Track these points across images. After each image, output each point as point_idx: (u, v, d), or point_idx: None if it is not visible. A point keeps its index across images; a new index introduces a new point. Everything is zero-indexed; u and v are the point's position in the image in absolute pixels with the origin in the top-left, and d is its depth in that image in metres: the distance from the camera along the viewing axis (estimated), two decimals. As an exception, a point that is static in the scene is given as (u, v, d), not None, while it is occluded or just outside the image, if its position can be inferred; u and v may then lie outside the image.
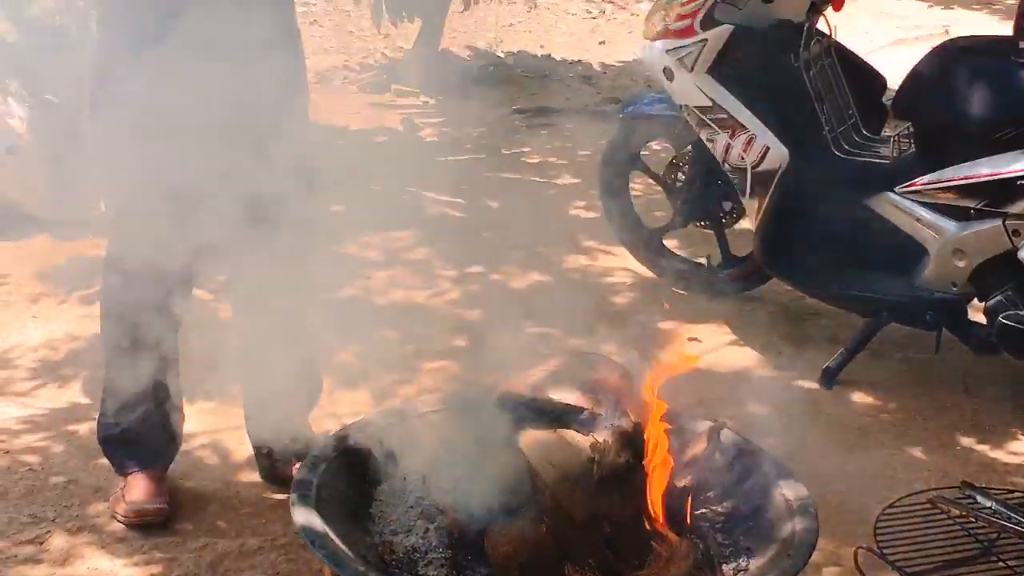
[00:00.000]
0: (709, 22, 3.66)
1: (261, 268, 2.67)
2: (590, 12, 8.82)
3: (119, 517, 2.84)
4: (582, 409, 2.17)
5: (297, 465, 2.50)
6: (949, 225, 3.39)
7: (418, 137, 6.06)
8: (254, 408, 2.97)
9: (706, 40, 3.66)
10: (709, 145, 3.77)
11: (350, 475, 2.36)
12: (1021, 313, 3.28)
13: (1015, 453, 3.32)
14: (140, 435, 2.86)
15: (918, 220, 3.45)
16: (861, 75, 3.92)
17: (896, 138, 3.72)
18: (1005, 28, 7.00)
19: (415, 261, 4.58)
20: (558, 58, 7.60)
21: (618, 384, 2.29)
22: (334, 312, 3.62)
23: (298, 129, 2.83)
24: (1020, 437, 3.41)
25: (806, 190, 3.65)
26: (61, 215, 4.82)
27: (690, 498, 2.31)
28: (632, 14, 8.66)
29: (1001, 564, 2.20)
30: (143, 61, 2.49)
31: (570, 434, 2.14)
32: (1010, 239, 3.26)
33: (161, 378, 2.81)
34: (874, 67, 4.00)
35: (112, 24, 2.72)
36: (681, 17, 3.72)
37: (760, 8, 3.54)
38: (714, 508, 2.36)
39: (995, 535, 2.28)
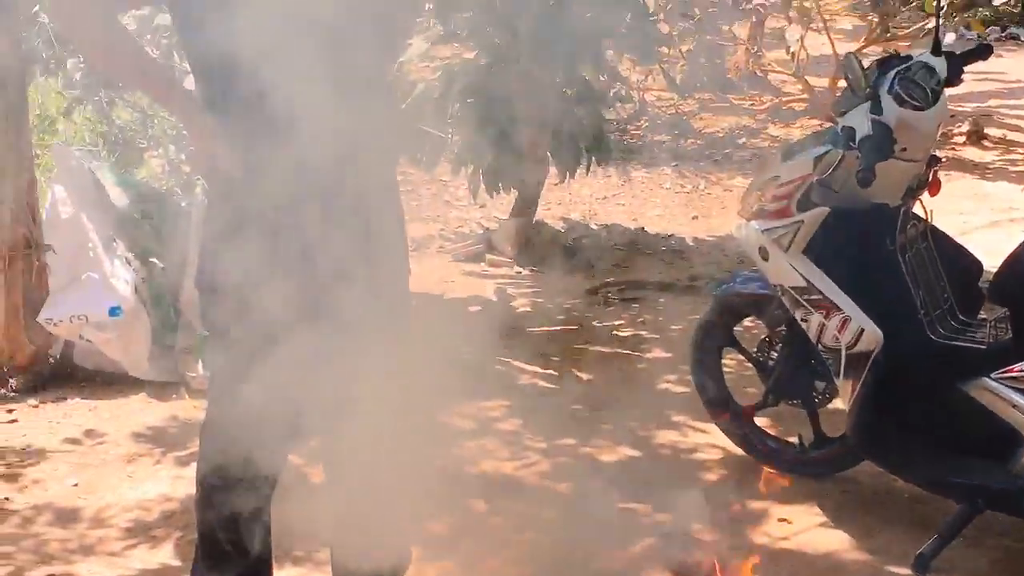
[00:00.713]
0: (805, 204, 3.70)
1: (357, 434, 2.70)
2: (683, 186, 8.91)
3: None
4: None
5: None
6: (1047, 412, 3.35)
7: (511, 307, 6.12)
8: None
9: (802, 221, 3.69)
10: (803, 325, 3.77)
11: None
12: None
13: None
14: (230, 599, 2.87)
15: (1014, 407, 3.41)
16: (957, 259, 3.91)
17: (992, 323, 3.69)
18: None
19: (505, 431, 4.59)
20: (651, 231, 7.67)
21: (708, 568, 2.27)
22: (424, 481, 3.63)
23: (399, 291, 2.89)
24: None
25: (900, 373, 3.62)
26: (160, 376, 4.92)
27: None
28: (725, 189, 8.73)
29: None
30: (246, 232, 2.56)
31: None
32: (1110, 429, 3.21)
33: (253, 543, 2.83)
34: (970, 251, 3.99)
35: (216, 191, 2.81)
36: (777, 198, 3.76)
37: (856, 191, 3.56)
38: None
39: None
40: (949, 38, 9.83)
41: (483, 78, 6.31)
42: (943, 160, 4.03)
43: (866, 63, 3.80)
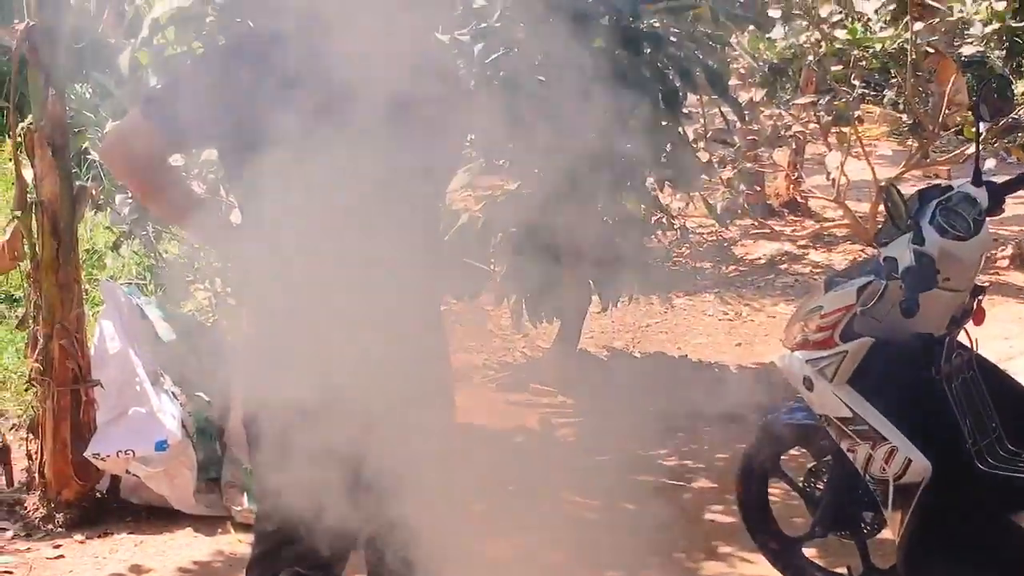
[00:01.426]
0: (849, 334, 3.70)
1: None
2: (726, 313, 8.92)
3: None
4: None
5: None
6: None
7: (555, 437, 6.11)
8: None
9: (846, 352, 3.69)
10: (850, 455, 3.75)
11: None
12: None
13: None
14: None
15: (1068, 538, 3.37)
16: (1004, 387, 3.89)
17: (1042, 453, 3.67)
18: None
19: (552, 564, 4.55)
20: (694, 359, 7.66)
21: None
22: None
23: (444, 423, 2.91)
24: None
25: (949, 504, 3.59)
26: (205, 510, 4.93)
27: None
28: (769, 316, 8.73)
29: None
30: (289, 369, 2.59)
31: None
32: None
33: None
34: (1017, 380, 3.98)
35: (258, 326, 2.85)
36: (821, 328, 3.77)
37: (900, 322, 3.56)
38: None
39: None
40: (989, 164, 9.89)
41: (525, 208, 6.38)
42: (987, 288, 4.03)
43: (906, 189, 3.84)
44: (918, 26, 9.70)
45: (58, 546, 4.76)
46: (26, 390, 5.34)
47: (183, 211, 2.91)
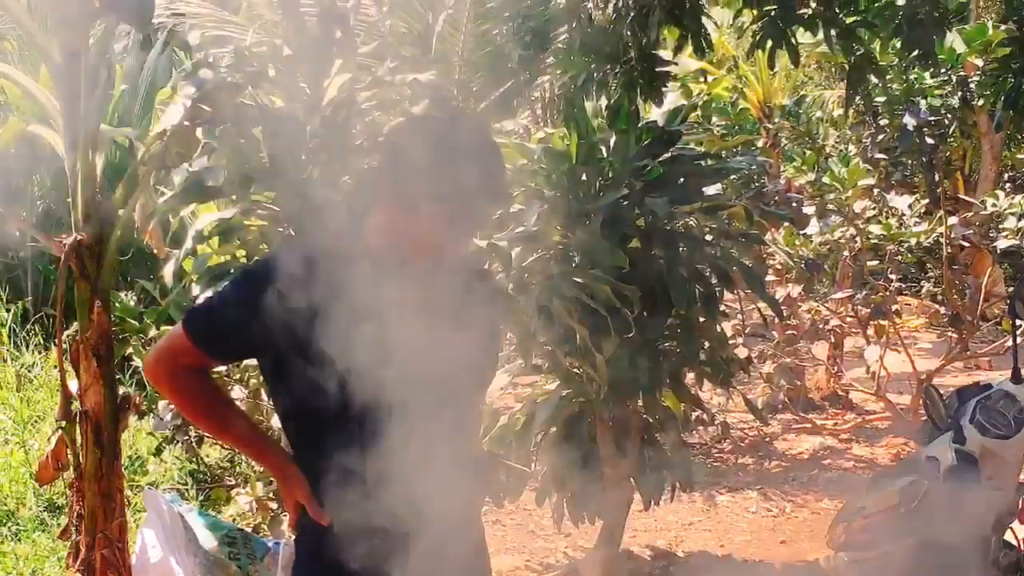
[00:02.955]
0: (892, 535, 3.67)
1: None
2: (770, 510, 8.82)
3: None
4: None
5: None
6: None
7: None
8: None
9: (891, 553, 3.65)
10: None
11: None
12: None
13: None
14: None
15: None
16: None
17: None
18: None
19: None
20: (739, 558, 7.56)
21: None
22: None
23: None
24: None
25: None
26: None
27: None
28: (813, 512, 8.62)
29: None
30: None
31: None
32: None
33: None
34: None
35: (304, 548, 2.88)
36: (864, 529, 3.74)
37: (945, 522, 3.53)
38: None
39: None
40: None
41: (565, 408, 6.40)
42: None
43: (948, 381, 3.85)
44: (952, 220, 9.81)
45: None
46: (68, 601, 5.31)
47: (241, 443, 2.99)
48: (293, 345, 2.63)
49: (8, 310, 9.95)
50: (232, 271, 4.97)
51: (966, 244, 10.31)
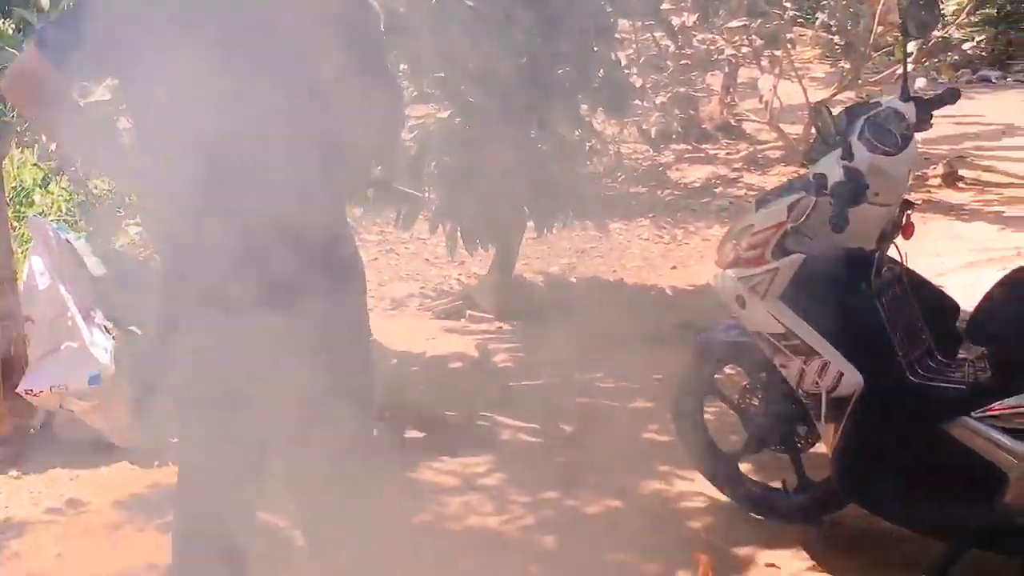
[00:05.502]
0: (780, 251, 3.72)
1: (329, 496, 2.69)
2: (661, 237, 8.95)
3: None
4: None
5: None
6: (1028, 449, 3.36)
7: (492, 363, 6.11)
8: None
9: (778, 268, 3.70)
10: (783, 371, 3.78)
11: None
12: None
13: None
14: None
15: (996, 445, 3.42)
16: (933, 300, 3.93)
17: (971, 363, 3.71)
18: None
19: (489, 487, 4.58)
20: (630, 283, 7.69)
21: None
22: (408, 539, 3.61)
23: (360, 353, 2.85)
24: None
25: (881, 415, 3.63)
26: (141, 443, 4.89)
27: None
28: (703, 239, 8.76)
29: None
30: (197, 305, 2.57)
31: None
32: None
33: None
34: (946, 292, 4.02)
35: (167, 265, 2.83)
36: (752, 246, 3.78)
37: (830, 237, 3.57)
38: None
39: None
40: (920, 83, 9.96)
41: (458, 136, 6.34)
42: (916, 204, 4.06)
43: (837, 110, 3.85)
44: (847, -54, 9.70)
45: (-7, 483, 4.73)
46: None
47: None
48: (140, 63, 2.51)
49: None
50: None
51: (861, -29, 10.24)
